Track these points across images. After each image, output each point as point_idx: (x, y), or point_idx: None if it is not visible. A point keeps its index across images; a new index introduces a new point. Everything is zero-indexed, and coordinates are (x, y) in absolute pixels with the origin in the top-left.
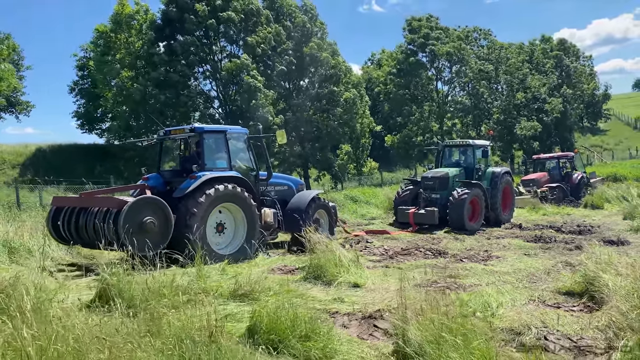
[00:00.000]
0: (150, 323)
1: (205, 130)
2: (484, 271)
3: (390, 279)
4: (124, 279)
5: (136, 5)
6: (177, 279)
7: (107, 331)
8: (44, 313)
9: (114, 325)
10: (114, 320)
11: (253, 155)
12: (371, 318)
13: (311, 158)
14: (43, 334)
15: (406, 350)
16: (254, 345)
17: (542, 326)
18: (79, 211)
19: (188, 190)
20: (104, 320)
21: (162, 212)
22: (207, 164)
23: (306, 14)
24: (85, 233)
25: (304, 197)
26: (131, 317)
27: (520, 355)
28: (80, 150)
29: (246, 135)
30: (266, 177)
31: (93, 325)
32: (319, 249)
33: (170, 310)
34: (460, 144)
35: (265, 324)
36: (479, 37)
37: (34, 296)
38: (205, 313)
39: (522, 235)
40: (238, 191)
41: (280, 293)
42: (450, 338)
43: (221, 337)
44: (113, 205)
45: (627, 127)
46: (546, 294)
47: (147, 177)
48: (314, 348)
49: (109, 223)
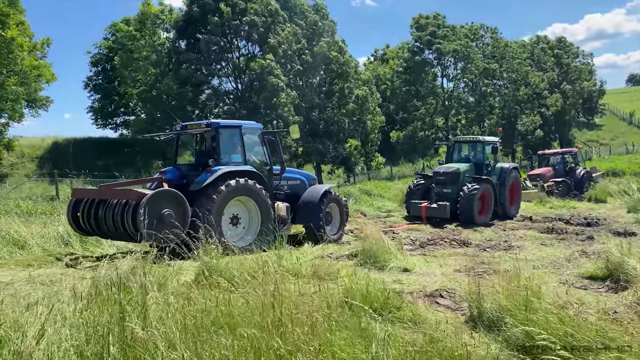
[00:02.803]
0: (275, 295)
1: (221, 125)
2: (511, 259)
3: (432, 265)
4: (222, 260)
5: (160, 4)
6: (250, 263)
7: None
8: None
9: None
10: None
11: (267, 150)
12: (432, 296)
13: (325, 152)
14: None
15: (482, 317)
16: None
17: (580, 303)
18: (99, 203)
19: (205, 184)
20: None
21: (180, 204)
22: (222, 158)
23: (317, 12)
24: (105, 225)
25: (317, 191)
26: (238, 292)
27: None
28: (95, 144)
29: (260, 131)
30: (280, 171)
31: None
32: (370, 238)
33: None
34: (471, 140)
35: (359, 299)
36: (485, 35)
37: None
38: (325, 287)
39: (535, 227)
40: (252, 185)
41: (348, 275)
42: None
43: (346, 305)
44: (132, 198)
45: (622, 122)
46: (572, 278)
47: (164, 171)
48: (405, 316)
49: (128, 215)
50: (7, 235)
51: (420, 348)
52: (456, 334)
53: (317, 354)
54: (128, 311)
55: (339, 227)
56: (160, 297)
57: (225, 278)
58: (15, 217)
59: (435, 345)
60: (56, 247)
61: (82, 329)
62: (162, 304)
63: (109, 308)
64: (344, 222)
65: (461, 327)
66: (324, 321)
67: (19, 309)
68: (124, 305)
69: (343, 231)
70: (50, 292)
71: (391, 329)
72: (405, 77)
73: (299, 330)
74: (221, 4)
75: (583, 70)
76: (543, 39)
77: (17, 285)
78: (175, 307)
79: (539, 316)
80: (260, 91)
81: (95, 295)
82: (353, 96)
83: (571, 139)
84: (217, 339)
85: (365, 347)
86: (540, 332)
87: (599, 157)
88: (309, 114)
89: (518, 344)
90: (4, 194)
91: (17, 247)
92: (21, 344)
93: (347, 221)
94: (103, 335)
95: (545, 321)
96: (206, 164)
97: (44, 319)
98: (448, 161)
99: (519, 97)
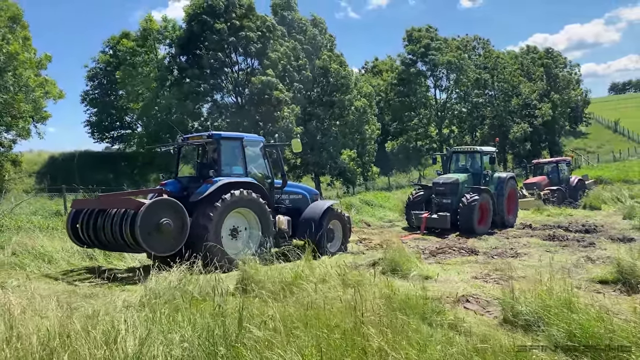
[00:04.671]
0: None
1: (223, 137)
2: (520, 265)
3: (450, 272)
4: (261, 270)
5: (164, 22)
6: (287, 272)
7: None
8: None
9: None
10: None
11: (268, 163)
12: (459, 302)
13: (324, 164)
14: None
15: (517, 319)
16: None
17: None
18: (98, 213)
19: (204, 195)
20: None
21: (178, 214)
22: (223, 169)
23: (316, 27)
24: (103, 235)
25: (319, 206)
26: (283, 299)
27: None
28: (92, 158)
29: (262, 144)
30: (281, 185)
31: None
32: (391, 247)
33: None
34: (469, 150)
35: (398, 304)
36: (477, 46)
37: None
38: (376, 287)
39: (537, 235)
40: (253, 197)
41: (375, 284)
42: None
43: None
44: (131, 207)
45: (607, 130)
46: (583, 282)
47: (165, 183)
48: (446, 319)
49: (127, 224)
50: (33, 250)
51: (475, 348)
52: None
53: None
54: (225, 315)
55: (340, 243)
56: (240, 302)
57: (265, 288)
58: (38, 232)
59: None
60: (81, 261)
61: (184, 333)
62: (258, 305)
63: (201, 313)
64: (347, 239)
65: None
66: (392, 324)
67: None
68: (224, 309)
69: (345, 247)
70: (103, 303)
71: (443, 332)
72: (398, 88)
73: (373, 330)
74: (217, 22)
75: (571, 80)
76: (533, 49)
77: (61, 297)
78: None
79: (580, 316)
80: (261, 104)
81: (164, 304)
82: (352, 108)
83: (560, 148)
84: (311, 337)
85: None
86: (585, 331)
87: (588, 165)
88: (308, 126)
89: (561, 343)
90: (8, 209)
91: (44, 261)
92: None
93: (349, 238)
94: (207, 338)
95: (586, 320)
96: (207, 175)
97: (142, 324)
98: (446, 171)
99: (510, 107)
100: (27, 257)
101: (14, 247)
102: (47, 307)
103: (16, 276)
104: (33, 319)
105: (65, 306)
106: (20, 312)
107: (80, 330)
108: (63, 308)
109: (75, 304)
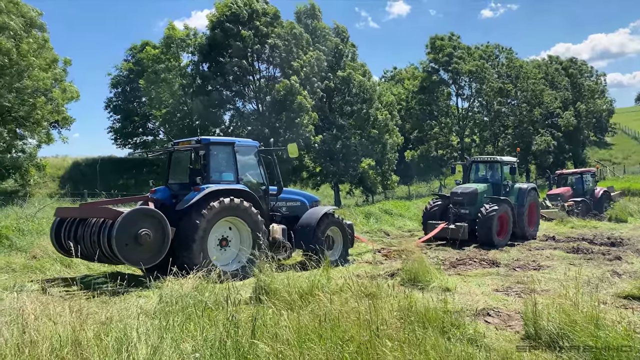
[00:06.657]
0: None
1: (212, 142)
2: (543, 278)
3: (470, 285)
4: (276, 278)
5: (186, 29)
6: (304, 281)
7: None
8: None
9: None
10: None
11: (263, 170)
12: (480, 315)
13: (343, 173)
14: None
15: (540, 334)
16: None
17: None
18: (79, 222)
19: (191, 203)
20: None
21: (159, 224)
22: (212, 176)
23: (338, 36)
24: (83, 244)
25: (315, 213)
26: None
27: None
28: (115, 164)
29: (257, 149)
30: (276, 192)
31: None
32: (410, 258)
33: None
34: (489, 160)
35: (416, 316)
36: (499, 55)
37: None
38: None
39: (560, 247)
40: (244, 205)
41: (393, 295)
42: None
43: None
44: (108, 216)
45: (633, 141)
46: (609, 297)
47: (155, 190)
48: (466, 333)
49: (104, 234)
50: (53, 254)
51: None
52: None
53: None
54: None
55: (341, 251)
56: (254, 312)
57: (280, 297)
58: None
59: None
60: (100, 266)
61: (197, 342)
62: (272, 316)
63: (214, 323)
64: (348, 246)
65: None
66: (408, 337)
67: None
68: (237, 320)
69: (347, 255)
70: (117, 309)
71: (462, 347)
72: (420, 96)
73: (390, 344)
74: (242, 29)
75: (596, 90)
76: (555, 59)
77: (77, 303)
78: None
79: (607, 332)
80: (282, 110)
81: (177, 312)
82: (374, 119)
83: (585, 159)
84: (324, 350)
85: None
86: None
87: (613, 176)
88: (327, 134)
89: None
90: (32, 213)
91: (64, 266)
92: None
93: (352, 245)
94: (220, 349)
95: (613, 338)
96: (196, 182)
97: (155, 332)
98: (465, 181)
99: (533, 117)
100: (47, 261)
101: (35, 250)
102: (62, 313)
103: (36, 279)
104: (46, 325)
105: (79, 312)
106: (34, 318)
107: (92, 338)
108: (77, 314)
109: (89, 310)
